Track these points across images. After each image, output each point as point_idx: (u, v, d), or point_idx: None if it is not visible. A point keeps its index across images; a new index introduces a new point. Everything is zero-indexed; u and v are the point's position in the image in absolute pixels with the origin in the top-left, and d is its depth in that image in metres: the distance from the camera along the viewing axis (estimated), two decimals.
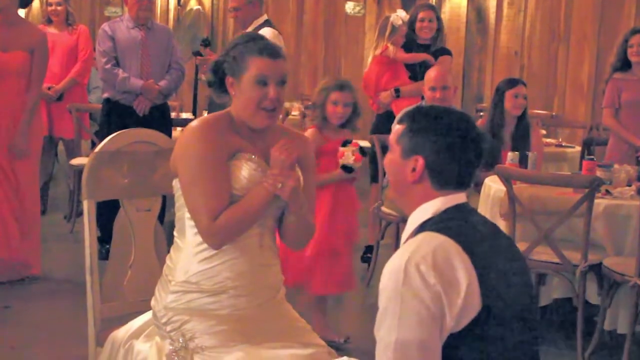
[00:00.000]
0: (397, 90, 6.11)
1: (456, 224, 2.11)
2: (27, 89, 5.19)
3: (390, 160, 2.24)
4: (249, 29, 5.73)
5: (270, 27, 5.78)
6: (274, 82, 2.59)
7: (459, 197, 2.18)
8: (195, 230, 2.59)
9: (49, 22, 7.03)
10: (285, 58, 2.66)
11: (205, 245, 2.59)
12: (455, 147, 2.14)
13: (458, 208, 2.17)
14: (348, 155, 4.12)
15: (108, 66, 5.70)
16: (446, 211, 2.15)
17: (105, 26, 5.84)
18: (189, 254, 2.62)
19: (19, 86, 5.18)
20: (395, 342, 2.02)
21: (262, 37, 2.68)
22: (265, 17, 5.92)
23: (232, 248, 2.59)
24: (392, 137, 2.23)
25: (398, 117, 2.29)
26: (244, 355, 2.47)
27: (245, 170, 2.60)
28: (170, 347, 2.57)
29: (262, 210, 2.59)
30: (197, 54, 5.76)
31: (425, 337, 2.01)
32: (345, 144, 4.17)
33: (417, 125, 2.17)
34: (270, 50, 2.60)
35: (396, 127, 2.23)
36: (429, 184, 2.17)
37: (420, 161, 2.15)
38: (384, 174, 5.49)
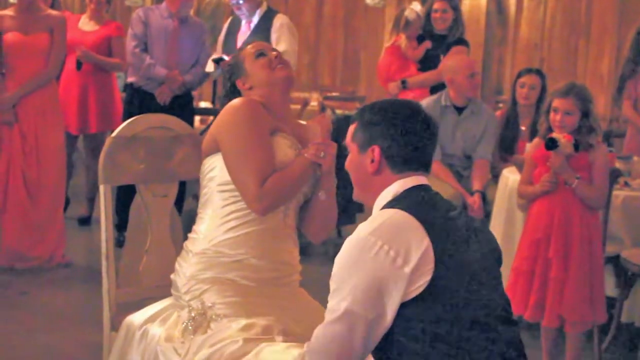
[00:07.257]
0: (403, 82, 6.12)
1: (411, 200, 2.15)
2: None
3: (349, 160, 2.30)
4: (255, 20, 5.70)
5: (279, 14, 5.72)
6: (269, 51, 2.86)
7: (419, 179, 2.23)
8: (226, 202, 2.68)
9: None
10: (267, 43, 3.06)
11: (233, 216, 2.68)
12: (406, 130, 2.19)
13: (419, 188, 2.21)
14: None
15: (137, 50, 5.76)
16: (405, 192, 2.19)
17: (139, 11, 5.89)
18: (215, 224, 2.70)
19: (44, 67, 5.29)
20: (344, 311, 2.05)
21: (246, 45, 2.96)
22: (265, 4, 5.80)
23: (258, 220, 2.67)
24: (347, 139, 2.30)
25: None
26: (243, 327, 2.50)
27: (282, 148, 2.71)
28: (188, 315, 2.61)
29: (305, 179, 2.72)
30: (220, 60, 5.71)
31: (376, 310, 2.03)
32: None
33: (367, 118, 2.24)
34: (250, 42, 2.93)
35: (349, 128, 2.30)
36: (388, 170, 2.22)
37: (377, 150, 2.21)
38: None
